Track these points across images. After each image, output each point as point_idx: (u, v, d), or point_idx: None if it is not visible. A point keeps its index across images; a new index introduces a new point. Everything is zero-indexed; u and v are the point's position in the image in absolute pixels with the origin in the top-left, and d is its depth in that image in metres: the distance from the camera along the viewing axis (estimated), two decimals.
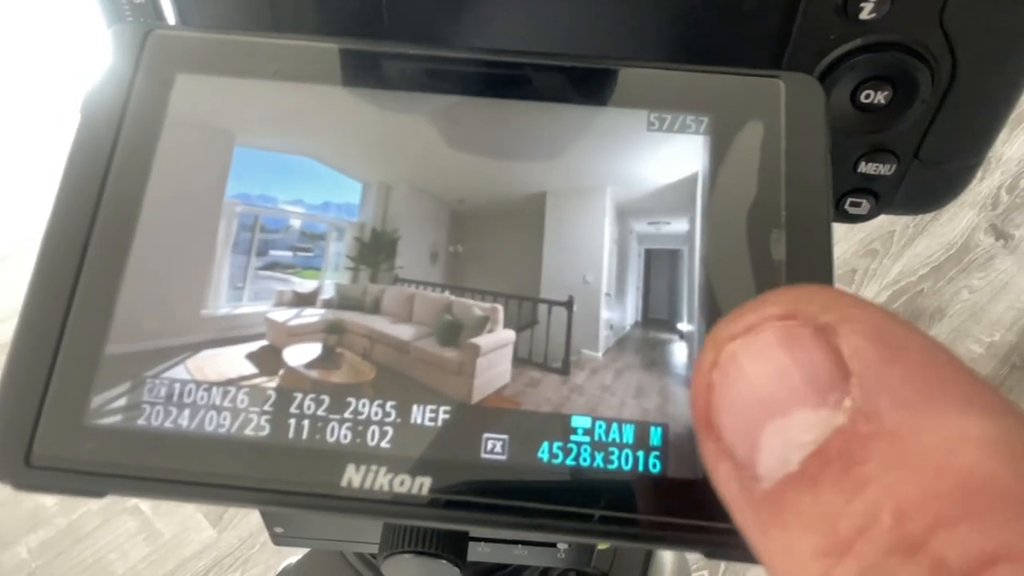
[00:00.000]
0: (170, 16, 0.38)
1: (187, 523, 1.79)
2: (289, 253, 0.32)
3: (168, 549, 1.77)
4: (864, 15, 0.35)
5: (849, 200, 0.42)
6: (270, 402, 0.29)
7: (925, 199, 0.43)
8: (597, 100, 0.33)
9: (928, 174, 0.41)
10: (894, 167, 0.40)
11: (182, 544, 1.78)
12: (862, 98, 0.38)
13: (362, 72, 0.34)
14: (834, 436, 0.18)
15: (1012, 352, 2.09)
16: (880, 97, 0.37)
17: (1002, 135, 0.45)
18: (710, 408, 0.21)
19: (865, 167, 0.40)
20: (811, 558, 0.18)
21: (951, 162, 0.41)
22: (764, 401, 0.20)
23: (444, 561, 0.53)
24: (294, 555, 0.79)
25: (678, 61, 0.34)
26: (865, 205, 0.42)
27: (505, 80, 0.33)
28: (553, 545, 0.62)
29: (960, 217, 2.33)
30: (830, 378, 0.19)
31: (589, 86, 0.33)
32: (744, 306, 0.21)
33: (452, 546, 0.53)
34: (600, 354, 0.30)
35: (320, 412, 0.29)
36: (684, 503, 0.28)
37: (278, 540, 0.62)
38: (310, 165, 0.32)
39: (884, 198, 0.42)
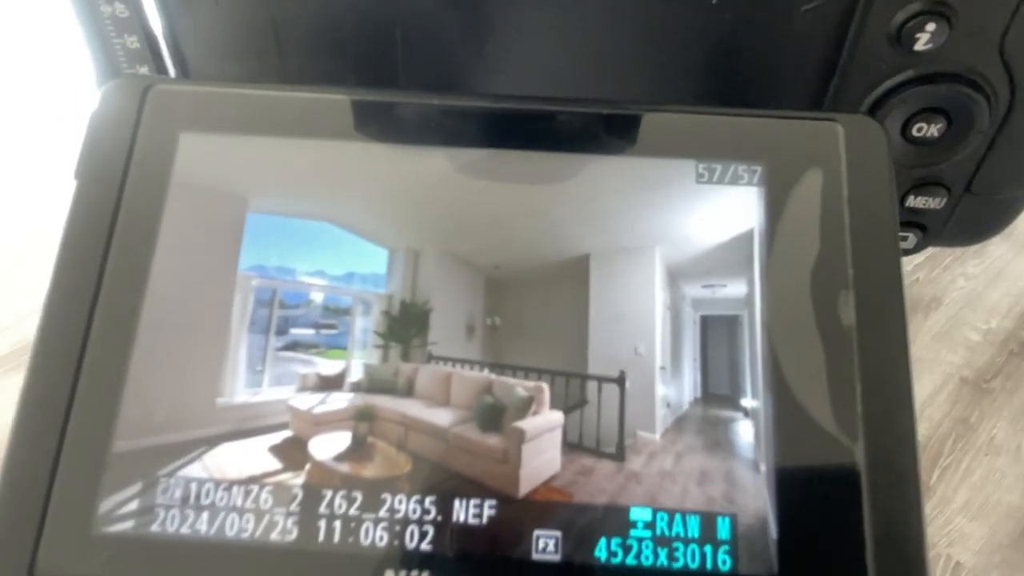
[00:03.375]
0: (168, 64, 0.35)
1: None
2: (311, 331, 0.29)
3: None
4: (919, 46, 0.33)
5: None
6: (297, 501, 0.27)
7: (974, 231, 0.40)
8: (640, 150, 0.30)
9: (980, 205, 0.39)
10: (944, 200, 0.38)
11: None
12: (914, 131, 0.35)
13: (381, 125, 0.31)
14: None
15: (1010, 339, 2.08)
16: (933, 130, 0.35)
17: None
18: None
19: (914, 201, 0.38)
20: None
21: (1005, 192, 0.38)
22: None
23: None
24: None
25: (713, 97, 0.32)
26: (912, 239, 0.40)
27: (537, 129, 0.31)
28: None
29: None
30: None
31: (630, 134, 0.30)
32: None
33: None
34: (658, 436, 0.28)
35: (352, 511, 0.26)
36: None
37: None
38: (330, 231, 0.29)
39: (932, 231, 0.40)
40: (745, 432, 0.27)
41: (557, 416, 0.28)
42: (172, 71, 0.35)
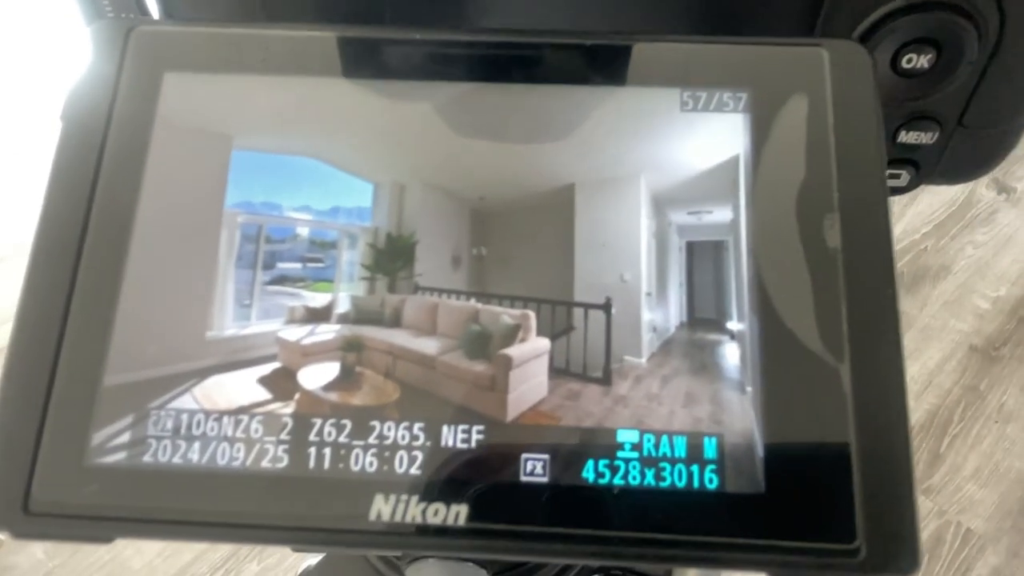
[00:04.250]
0: (154, 8, 0.35)
1: None
2: (298, 265, 0.29)
3: (183, 542, 1.75)
4: None
5: (888, 172, 0.39)
6: (287, 430, 0.27)
7: (968, 166, 0.40)
8: (624, 80, 0.30)
9: (972, 140, 0.38)
10: (936, 135, 0.38)
11: None
12: (904, 63, 0.35)
13: (365, 61, 0.31)
14: None
15: (1019, 305, 2.07)
16: (923, 61, 0.35)
17: None
18: None
19: (905, 136, 0.38)
20: None
21: (997, 125, 0.38)
22: None
23: (471, 564, 0.51)
24: (313, 555, 0.76)
25: (701, 28, 0.32)
26: (904, 176, 0.40)
27: (521, 63, 0.31)
28: None
29: None
30: None
31: (614, 65, 0.30)
32: None
33: None
34: (644, 360, 0.28)
35: (342, 439, 0.27)
36: (746, 521, 0.26)
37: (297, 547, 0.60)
38: (315, 167, 0.30)
39: (925, 168, 0.39)
40: (731, 354, 0.27)
41: (544, 343, 0.28)
42: (157, 16, 0.35)
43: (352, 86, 0.30)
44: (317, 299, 0.29)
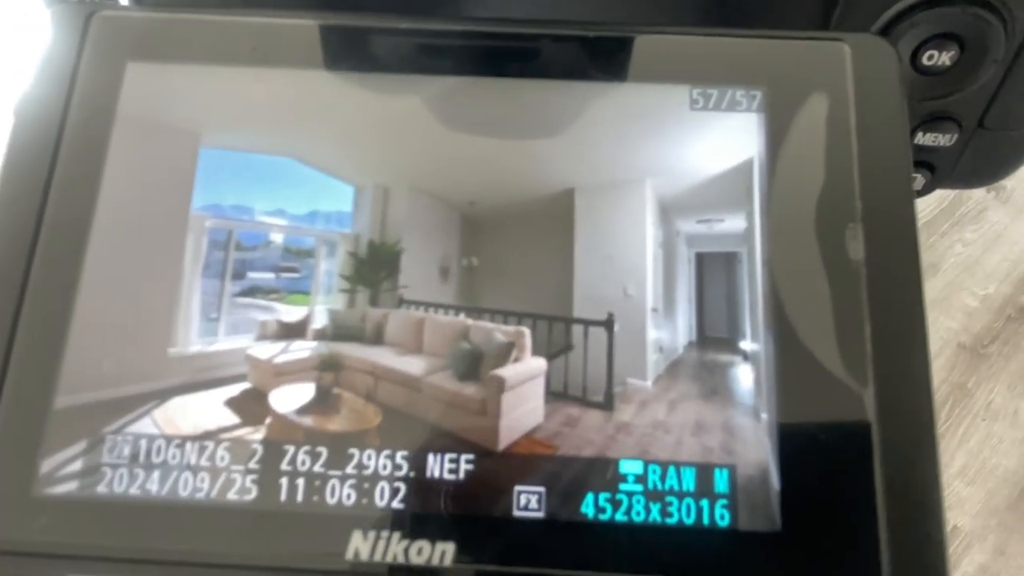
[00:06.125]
0: None
1: None
2: (271, 275, 0.27)
3: None
4: None
5: None
6: (256, 458, 0.24)
7: (986, 170, 0.38)
8: (629, 75, 0.28)
9: (992, 142, 0.36)
10: (955, 136, 0.35)
11: None
12: (924, 60, 0.33)
13: (348, 52, 0.28)
14: None
15: (1007, 304, 2.07)
16: (945, 58, 0.32)
17: None
18: None
19: (922, 138, 0.36)
20: None
21: (1020, 128, 0.36)
22: None
23: None
24: None
25: (707, 21, 0.29)
26: (920, 180, 0.38)
27: (517, 55, 0.28)
28: None
29: None
30: None
31: (618, 59, 0.28)
32: None
33: None
34: (649, 383, 0.25)
35: (317, 468, 0.24)
36: (761, 562, 0.23)
37: None
38: (291, 167, 0.27)
39: (941, 171, 0.37)
40: (744, 377, 0.25)
41: (540, 363, 0.26)
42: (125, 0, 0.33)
43: (333, 79, 0.28)
44: (291, 313, 0.26)
